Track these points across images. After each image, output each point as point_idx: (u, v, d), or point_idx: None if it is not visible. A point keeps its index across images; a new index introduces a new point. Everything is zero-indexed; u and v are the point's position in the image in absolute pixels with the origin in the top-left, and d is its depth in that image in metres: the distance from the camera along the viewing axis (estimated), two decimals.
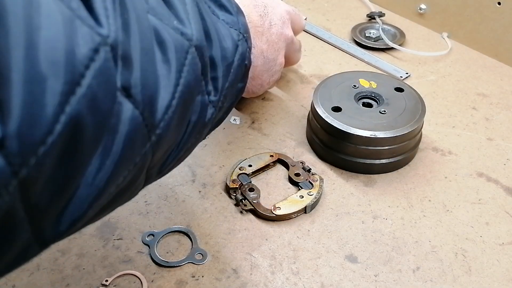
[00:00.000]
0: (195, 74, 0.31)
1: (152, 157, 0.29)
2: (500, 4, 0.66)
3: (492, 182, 0.51)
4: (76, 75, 0.21)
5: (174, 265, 0.43)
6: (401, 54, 0.70)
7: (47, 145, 0.20)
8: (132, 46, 0.25)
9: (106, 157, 0.24)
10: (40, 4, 0.20)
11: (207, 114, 0.35)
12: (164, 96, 0.28)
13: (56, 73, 0.20)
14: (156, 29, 0.28)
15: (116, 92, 0.24)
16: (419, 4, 0.75)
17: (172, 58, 0.29)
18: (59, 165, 0.22)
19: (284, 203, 0.47)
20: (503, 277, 0.43)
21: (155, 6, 0.29)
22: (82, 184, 0.24)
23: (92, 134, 0.23)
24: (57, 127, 0.21)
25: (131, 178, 0.28)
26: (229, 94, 0.38)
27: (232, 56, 0.37)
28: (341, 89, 0.55)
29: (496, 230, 0.47)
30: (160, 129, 0.28)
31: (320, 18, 0.78)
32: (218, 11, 0.38)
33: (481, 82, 0.65)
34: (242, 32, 0.39)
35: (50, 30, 0.20)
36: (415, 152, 0.54)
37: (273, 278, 0.42)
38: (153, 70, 0.27)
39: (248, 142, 0.55)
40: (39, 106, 0.20)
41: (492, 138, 0.57)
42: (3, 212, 0.20)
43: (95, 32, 0.22)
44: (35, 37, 0.20)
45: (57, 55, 0.20)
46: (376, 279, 0.42)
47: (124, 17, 0.25)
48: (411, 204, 0.49)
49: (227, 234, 0.46)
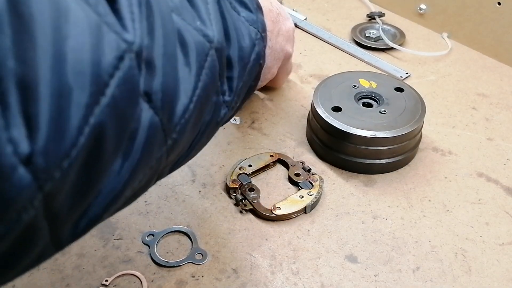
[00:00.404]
0: (213, 77, 0.31)
1: (167, 159, 0.29)
2: (500, 4, 0.66)
3: (492, 182, 0.51)
4: (101, 85, 0.21)
5: (174, 265, 0.43)
6: (401, 54, 0.70)
7: (72, 158, 0.20)
8: (156, 51, 0.25)
9: (125, 162, 0.24)
10: (68, 11, 0.20)
11: (221, 114, 0.34)
12: (183, 100, 0.28)
13: (82, 85, 0.20)
14: (180, 30, 0.28)
15: (139, 97, 0.24)
16: (419, 4, 0.75)
17: (193, 61, 0.28)
18: (82, 174, 0.22)
19: (284, 203, 0.47)
20: (503, 277, 0.43)
21: (179, 6, 0.29)
22: (102, 190, 0.24)
23: (113, 141, 0.23)
24: (81, 139, 0.20)
25: (146, 181, 0.28)
26: (242, 93, 0.38)
27: (249, 56, 0.37)
28: (341, 89, 0.55)
29: (496, 230, 0.47)
30: (176, 133, 0.28)
31: (320, 18, 0.78)
32: (239, 7, 0.38)
33: (481, 82, 0.65)
34: (260, 31, 0.39)
35: (77, 39, 0.20)
36: (415, 152, 0.54)
37: (273, 278, 0.42)
38: (175, 75, 0.27)
39: (248, 142, 0.55)
40: (65, 120, 0.20)
41: (492, 138, 0.57)
42: (25, 226, 0.20)
43: (121, 39, 0.22)
44: (63, 47, 0.19)
45: (83, 66, 0.20)
46: (376, 279, 0.42)
47: (149, 20, 0.25)
48: (411, 204, 0.49)
49: (227, 234, 0.46)
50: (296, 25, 0.75)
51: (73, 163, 0.20)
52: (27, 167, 0.18)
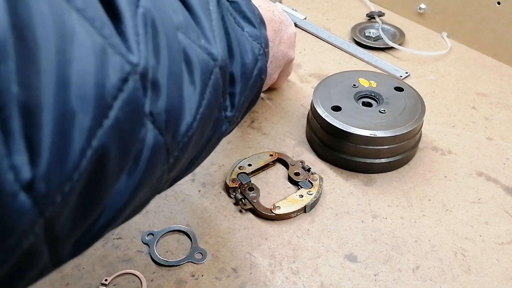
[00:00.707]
0: (216, 94, 0.31)
1: (168, 176, 0.29)
2: (500, 4, 0.66)
3: (492, 182, 0.51)
4: (104, 107, 0.21)
5: (174, 265, 0.43)
6: (401, 53, 0.70)
7: (73, 181, 0.20)
8: (161, 71, 0.25)
9: (128, 182, 0.24)
10: (74, 34, 0.20)
11: (222, 129, 0.34)
12: (187, 118, 0.28)
13: (86, 108, 0.20)
14: (185, 49, 0.28)
15: (144, 118, 0.24)
16: (419, 4, 0.75)
17: (198, 80, 0.28)
18: (83, 196, 0.21)
19: (284, 203, 0.47)
20: (503, 276, 0.43)
21: (184, 24, 0.29)
22: (103, 211, 0.23)
23: (117, 162, 0.23)
24: (84, 162, 0.20)
25: (146, 198, 0.28)
26: (244, 108, 0.38)
27: (252, 71, 0.37)
28: (341, 89, 0.55)
29: (495, 229, 0.47)
30: (179, 151, 0.28)
31: (320, 17, 0.78)
32: (243, 23, 0.38)
33: (480, 81, 0.65)
34: (263, 47, 0.39)
35: (82, 62, 0.20)
36: (414, 152, 0.54)
37: (273, 278, 0.42)
38: (180, 94, 0.27)
39: (248, 141, 0.55)
40: (68, 144, 0.19)
41: (491, 138, 0.57)
42: (25, 251, 0.19)
43: (125, 61, 0.22)
44: (67, 71, 0.19)
45: (87, 89, 0.20)
46: (376, 278, 0.42)
47: (155, 40, 0.25)
48: (411, 203, 0.49)
49: (226, 233, 0.46)
50: (296, 24, 0.75)
51: (75, 186, 0.20)
52: (28, 193, 0.18)
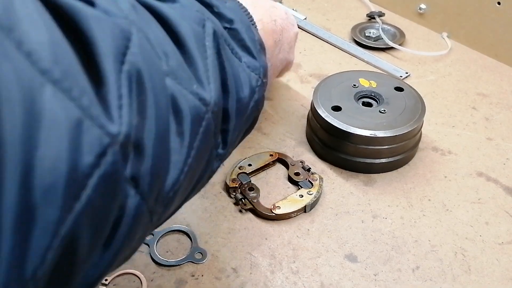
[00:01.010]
0: (206, 140, 0.29)
1: (151, 230, 0.27)
2: (500, 4, 0.66)
3: (492, 182, 0.51)
4: (75, 190, 0.19)
5: (174, 264, 0.43)
6: (401, 53, 0.70)
7: (36, 279, 0.19)
8: (147, 132, 0.23)
9: (104, 253, 0.23)
10: (42, 115, 0.18)
11: (213, 168, 0.32)
12: (172, 174, 0.26)
13: (52, 200, 0.18)
14: (174, 97, 0.26)
15: (124, 185, 0.22)
16: (419, 4, 0.75)
17: (187, 129, 0.27)
18: (53, 281, 0.20)
19: (284, 202, 0.47)
20: (503, 276, 0.43)
21: (175, 68, 0.27)
22: (76, 285, 0.22)
23: (89, 242, 0.21)
24: (49, 255, 0.19)
25: (125, 258, 0.27)
26: (237, 141, 0.36)
27: (247, 106, 0.35)
28: (341, 89, 0.55)
29: (495, 229, 0.47)
30: (163, 207, 0.26)
31: (320, 17, 0.78)
32: (241, 52, 0.35)
33: (481, 82, 0.65)
34: (262, 78, 0.36)
35: (49, 145, 0.18)
36: (414, 152, 0.54)
37: (273, 277, 0.42)
38: (166, 151, 0.25)
39: (248, 141, 0.55)
40: (29, 243, 0.18)
41: (491, 138, 0.57)
42: None
43: (104, 132, 0.20)
44: (32, 161, 0.18)
45: (55, 176, 0.18)
46: (376, 278, 0.42)
47: (140, 98, 0.23)
48: (411, 203, 0.49)
49: (226, 233, 0.46)
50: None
51: (40, 279, 0.19)
52: None
